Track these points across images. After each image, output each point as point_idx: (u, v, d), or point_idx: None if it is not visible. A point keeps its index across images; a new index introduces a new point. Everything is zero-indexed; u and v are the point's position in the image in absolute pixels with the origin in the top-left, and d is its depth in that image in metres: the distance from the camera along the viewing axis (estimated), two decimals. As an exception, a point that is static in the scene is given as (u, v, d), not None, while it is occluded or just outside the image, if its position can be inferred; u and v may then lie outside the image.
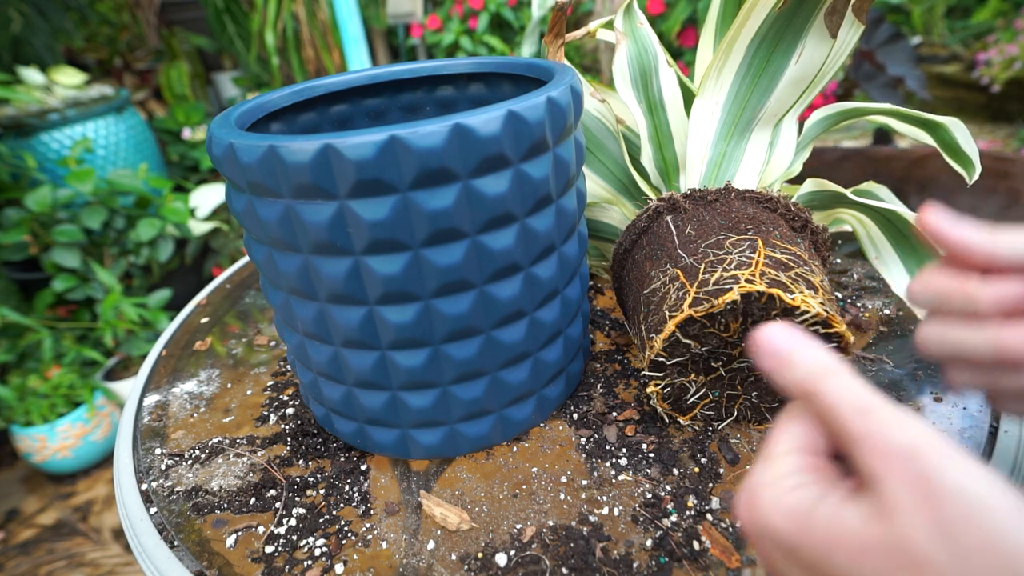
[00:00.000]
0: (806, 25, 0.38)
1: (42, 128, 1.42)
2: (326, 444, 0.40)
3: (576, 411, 0.40)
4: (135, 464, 0.40)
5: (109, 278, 1.24)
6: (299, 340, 0.35)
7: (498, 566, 0.30)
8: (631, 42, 0.45)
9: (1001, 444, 0.33)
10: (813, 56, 0.39)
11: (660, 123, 0.45)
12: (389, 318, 0.31)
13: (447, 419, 0.35)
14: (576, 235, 0.37)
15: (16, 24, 1.55)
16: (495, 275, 0.32)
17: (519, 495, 0.34)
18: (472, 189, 0.29)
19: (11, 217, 1.21)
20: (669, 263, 0.36)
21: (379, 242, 0.29)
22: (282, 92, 0.39)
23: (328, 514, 0.34)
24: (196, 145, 1.93)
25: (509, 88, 0.42)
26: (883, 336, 0.44)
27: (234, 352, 0.51)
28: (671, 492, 0.33)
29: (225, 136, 0.29)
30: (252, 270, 0.66)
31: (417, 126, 0.27)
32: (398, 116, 0.45)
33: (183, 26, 2.33)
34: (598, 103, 0.47)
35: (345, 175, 0.27)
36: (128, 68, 2.17)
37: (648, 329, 0.34)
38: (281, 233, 0.30)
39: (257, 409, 0.44)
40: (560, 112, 0.31)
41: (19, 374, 1.22)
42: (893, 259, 0.45)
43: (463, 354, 0.33)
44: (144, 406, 0.45)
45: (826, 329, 0.31)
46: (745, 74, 0.41)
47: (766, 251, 0.33)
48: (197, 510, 0.35)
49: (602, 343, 0.47)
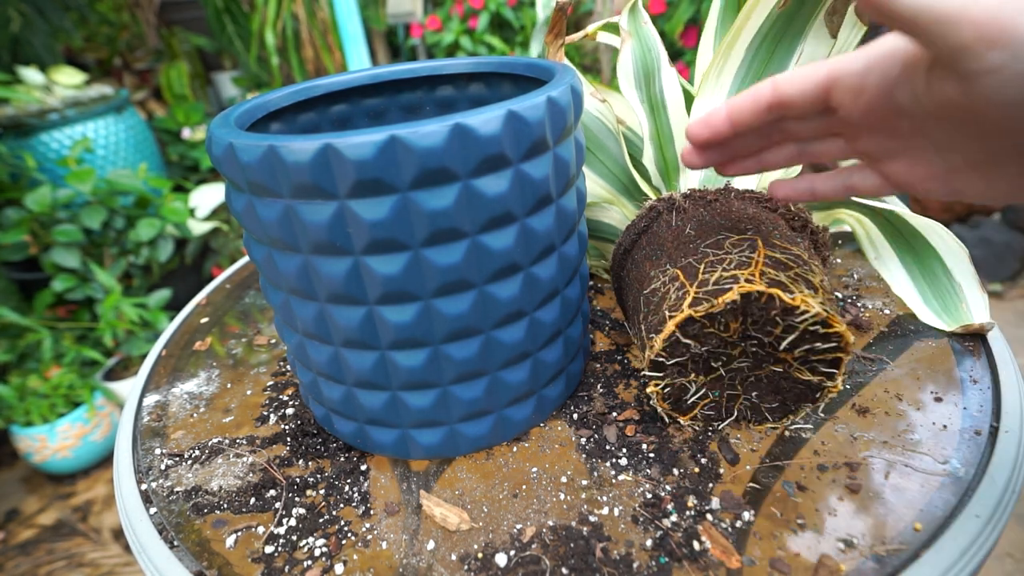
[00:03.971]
0: (806, 25, 0.38)
1: (42, 128, 1.42)
2: (326, 444, 0.40)
3: (576, 411, 0.40)
4: (135, 464, 0.40)
5: (109, 278, 1.24)
6: (299, 340, 0.35)
7: (498, 566, 0.30)
8: (635, 41, 0.45)
9: (1001, 444, 0.33)
10: (814, 57, 0.39)
11: (661, 123, 0.45)
12: (389, 318, 0.31)
13: (447, 419, 0.35)
14: (576, 235, 0.37)
15: (15, 24, 1.55)
16: (495, 275, 0.32)
17: (519, 495, 0.34)
18: (472, 189, 0.29)
19: (11, 217, 1.21)
20: (669, 263, 0.36)
21: (379, 242, 0.29)
22: (282, 92, 0.39)
23: (328, 514, 0.34)
24: (196, 145, 1.93)
25: (509, 88, 0.42)
26: (883, 336, 0.44)
27: (234, 352, 0.51)
28: (671, 492, 0.33)
29: (225, 136, 0.29)
30: (252, 270, 0.66)
31: (417, 126, 0.27)
32: (398, 116, 0.45)
33: (183, 26, 2.33)
34: (598, 103, 0.47)
35: (345, 175, 0.27)
36: (128, 68, 2.17)
37: (648, 329, 0.34)
38: (281, 233, 0.30)
39: (257, 409, 0.44)
40: (560, 112, 0.31)
41: (19, 374, 1.22)
42: (893, 259, 0.45)
43: (463, 354, 0.33)
44: (144, 406, 0.45)
45: (826, 329, 0.31)
46: (745, 75, 0.41)
47: (766, 251, 0.33)
48: (197, 510, 0.35)
49: (602, 343, 0.47)
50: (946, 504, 0.31)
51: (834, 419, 0.37)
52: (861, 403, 0.38)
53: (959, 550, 0.28)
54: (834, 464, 0.34)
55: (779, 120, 0.29)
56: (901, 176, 0.27)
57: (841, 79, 0.26)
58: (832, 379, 0.34)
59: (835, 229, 0.56)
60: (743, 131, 0.30)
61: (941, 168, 0.25)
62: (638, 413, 0.39)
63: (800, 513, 0.31)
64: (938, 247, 0.43)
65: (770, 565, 0.29)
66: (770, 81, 0.28)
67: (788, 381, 0.35)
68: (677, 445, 0.36)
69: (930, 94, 0.23)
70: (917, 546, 0.29)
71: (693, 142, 0.31)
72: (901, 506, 0.31)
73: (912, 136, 0.25)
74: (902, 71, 0.24)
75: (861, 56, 0.25)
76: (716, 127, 0.30)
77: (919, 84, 0.23)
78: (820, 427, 0.36)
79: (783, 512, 0.31)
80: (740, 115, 0.29)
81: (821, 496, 0.32)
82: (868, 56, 0.25)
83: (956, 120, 0.23)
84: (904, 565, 0.28)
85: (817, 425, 0.37)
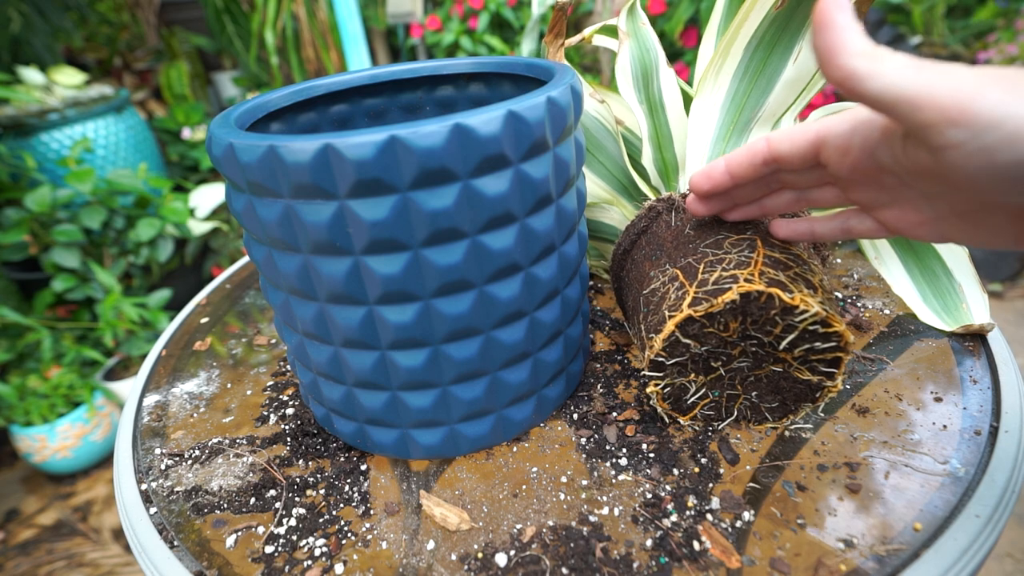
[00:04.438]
0: (804, 25, 0.38)
1: (42, 128, 1.42)
2: (326, 444, 0.40)
3: (576, 411, 0.40)
4: (135, 464, 0.40)
5: (109, 278, 1.24)
6: (299, 340, 0.35)
7: (498, 566, 0.30)
8: (633, 42, 0.45)
9: (1001, 444, 0.33)
10: (811, 56, 0.39)
11: (660, 123, 0.45)
12: (389, 318, 0.31)
13: (447, 419, 0.35)
14: (576, 235, 0.37)
15: (16, 24, 1.55)
16: (495, 275, 0.32)
17: (519, 495, 0.34)
18: (472, 189, 0.29)
19: (11, 217, 1.21)
20: (668, 263, 0.36)
21: (379, 242, 0.29)
22: (282, 92, 0.39)
23: (328, 514, 0.34)
24: (196, 145, 1.93)
25: (509, 88, 0.42)
26: (883, 336, 0.44)
27: (234, 352, 0.51)
28: (671, 492, 0.33)
29: (225, 136, 0.29)
30: (252, 270, 0.66)
31: (417, 126, 0.27)
32: (398, 116, 0.45)
33: (183, 26, 2.33)
34: (598, 103, 0.47)
35: (345, 175, 0.27)
36: (128, 68, 2.17)
37: (648, 329, 0.34)
38: (281, 233, 0.30)
39: (257, 409, 0.44)
40: (560, 112, 0.31)
41: (19, 374, 1.22)
42: (893, 259, 0.45)
43: (463, 354, 0.33)
44: (144, 406, 0.45)
45: (826, 329, 0.31)
46: (743, 75, 0.41)
47: (765, 251, 0.33)
48: (197, 510, 0.35)
49: (602, 343, 0.47)
50: (946, 504, 0.31)
51: (834, 419, 0.37)
52: (861, 403, 0.38)
53: (959, 550, 0.28)
54: (834, 464, 0.34)
55: (775, 172, 0.31)
56: (893, 223, 0.29)
57: (829, 140, 0.28)
58: (832, 379, 0.34)
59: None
60: (742, 183, 0.32)
61: (929, 215, 0.27)
62: (638, 413, 0.39)
63: (800, 513, 0.31)
64: (938, 247, 0.43)
65: (770, 565, 0.29)
66: (764, 138, 0.30)
67: (788, 381, 0.35)
68: (677, 445, 0.36)
69: (906, 158, 0.25)
70: (917, 546, 0.29)
71: (696, 192, 0.34)
72: (901, 506, 0.31)
73: (899, 188, 0.27)
74: (881, 136, 0.26)
75: (847, 119, 0.27)
76: (716, 180, 0.33)
77: (897, 149, 0.25)
78: (820, 427, 0.36)
79: (783, 512, 0.31)
80: (738, 168, 0.32)
81: (821, 496, 0.32)
82: (852, 119, 0.27)
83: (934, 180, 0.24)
84: (904, 565, 0.28)
85: (817, 425, 0.37)
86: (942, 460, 0.33)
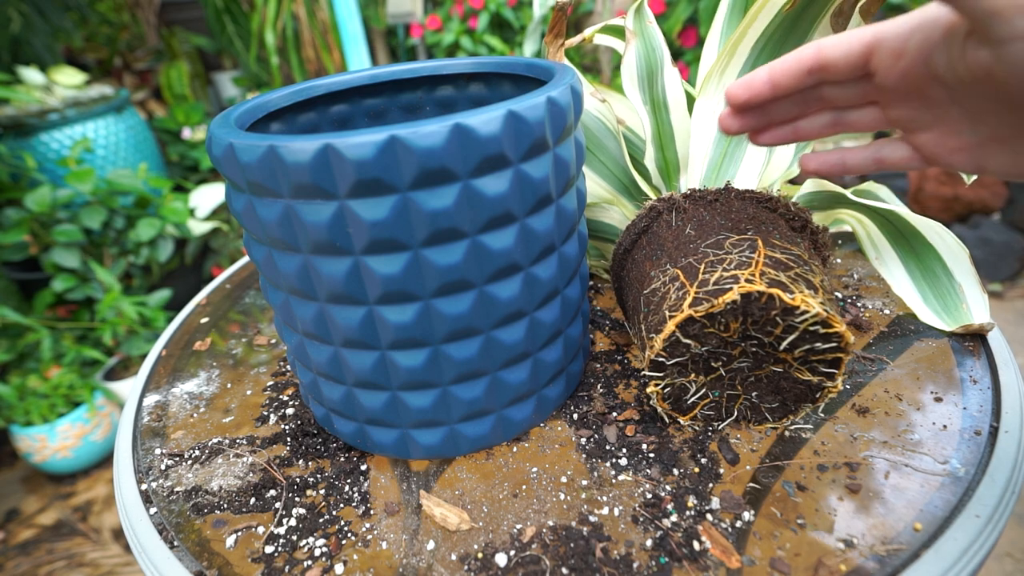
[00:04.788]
0: (812, 27, 0.38)
1: (42, 128, 1.42)
2: (326, 444, 0.40)
3: (576, 411, 0.40)
4: (135, 464, 0.40)
5: (109, 278, 1.24)
6: (299, 340, 0.35)
7: (498, 566, 0.30)
8: (640, 41, 0.45)
9: (1001, 444, 0.33)
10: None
11: (663, 123, 0.45)
12: (389, 318, 0.31)
13: (447, 419, 0.35)
14: (576, 235, 0.37)
15: (16, 24, 1.55)
16: (495, 275, 0.32)
17: (519, 495, 0.34)
18: (472, 189, 0.29)
19: (11, 217, 1.21)
20: (669, 263, 0.36)
21: (379, 242, 0.29)
22: (282, 92, 0.39)
23: (328, 514, 0.34)
24: (196, 145, 1.93)
25: (509, 88, 0.42)
26: (883, 336, 0.44)
27: (234, 352, 0.51)
28: (671, 492, 0.33)
29: (225, 136, 0.29)
30: (252, 270, 0.66)
31: (417, 126, 0.27)
32: (398, 116, 0.45)
33: (183, 26, 2.33)
34: (598, 103, 0.47)
35: (345, 175, 0.27)
36: (128, 68, 2.17)
37: (648, 329, 0.34)
38: (281, 233, 0.30)
39: (257, 409, 0.44)
40: (560, 112, 0.31)
41: (19, 374, 1.22)
42: (893, 259, 0.45)
43: (463, 354, 0.33)
44: (144, 406, 0.45)
45: (826, 329, 0.31)
46: (745, 74, 0.40)
47: (766, 251, 0.33)
48: (197, 510, 0.35)
49: (602, 343, 0.47)
50: (946, 504, 0.31)
51: (834, 419, 0.37)
52: (861, 403, 0.38)
53: (959, 550, 0.28)
54: (834, 464, 0.34)
55: (817, 85, 0.30)
56: (931, 147, 0.28)
57: (884, 42, 0.26)
58: (832, 379, 0.34)
59: (835, 229, 0.56)
60: (782, 94, 0.30)
61: (970, 140, 0.26)
62: (638, 413, 0.39)
63: (800, 513, 0.31)
64: (938, 247, 0.43)
65: (770, 565, 0.29)
66: (814, 44, 0.29)
67: (788, 381, 0.35)
68: (677, 445, 0.36)
69: (964, 61, 0.24)
70: (917, 546, 0.29)
71: (732, 103, 0.32)
72: (901, 506, 0.31)
73: (944, 105, 0.26)
74: (942, 36, 0.25)
75: (906, 20, 0.26)
76: (756, 88, 0.31)
77: (955, 50, 0.24)
78: (820, 427, 0.36)
79: (783, 512, 0.31)
80: (781, 77, 0.30)
81: (821, 496, 0.32)
82: (912, 20, 0.26)
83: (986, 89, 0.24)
84: (904, 565, 0.28)
85: (817, 425, 0.37)
86: (942, 460, 0.33)
